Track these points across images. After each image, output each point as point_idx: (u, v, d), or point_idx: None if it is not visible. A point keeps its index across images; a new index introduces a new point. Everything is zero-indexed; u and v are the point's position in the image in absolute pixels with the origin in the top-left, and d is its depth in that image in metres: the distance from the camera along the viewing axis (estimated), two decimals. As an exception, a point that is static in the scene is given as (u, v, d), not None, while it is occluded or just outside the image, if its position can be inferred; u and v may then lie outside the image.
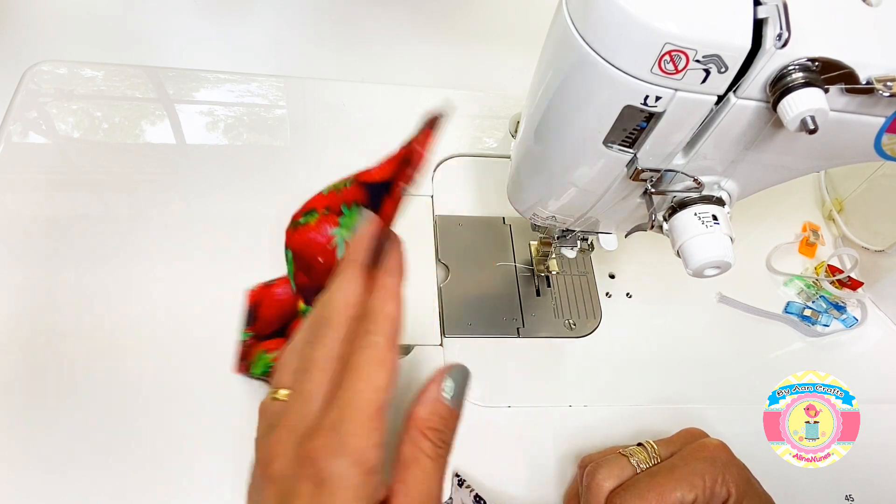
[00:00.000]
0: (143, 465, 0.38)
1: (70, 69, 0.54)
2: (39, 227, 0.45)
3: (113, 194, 0.48)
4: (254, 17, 0.67)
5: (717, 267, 0.33)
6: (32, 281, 0.43)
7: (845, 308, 0.54)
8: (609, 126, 0.30)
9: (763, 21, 0.25)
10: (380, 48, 0.67)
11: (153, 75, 0.56)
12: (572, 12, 0.28)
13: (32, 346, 0.41)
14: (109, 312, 0.43)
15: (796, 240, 0.58)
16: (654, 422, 0.46)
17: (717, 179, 0.34)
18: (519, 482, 0.42)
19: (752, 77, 0.27)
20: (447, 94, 0.61)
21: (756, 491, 0.37)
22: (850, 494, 0.45)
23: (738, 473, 0.36)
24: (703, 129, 0.30)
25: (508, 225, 0.54)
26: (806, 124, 0.26)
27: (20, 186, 0.47)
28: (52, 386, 0.40)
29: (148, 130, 0.52)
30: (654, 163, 0.32)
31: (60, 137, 0.50)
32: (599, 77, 0.28)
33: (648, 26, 0.25)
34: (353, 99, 0.58)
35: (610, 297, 0.52)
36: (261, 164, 0.52)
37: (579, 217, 0.40)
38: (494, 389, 0.46)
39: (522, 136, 0.38)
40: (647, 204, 0.35)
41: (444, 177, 0.55)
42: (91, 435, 0.39)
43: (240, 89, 0.57)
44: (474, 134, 0.58)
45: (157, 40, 0.62)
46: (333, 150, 0.54)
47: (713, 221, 0.33)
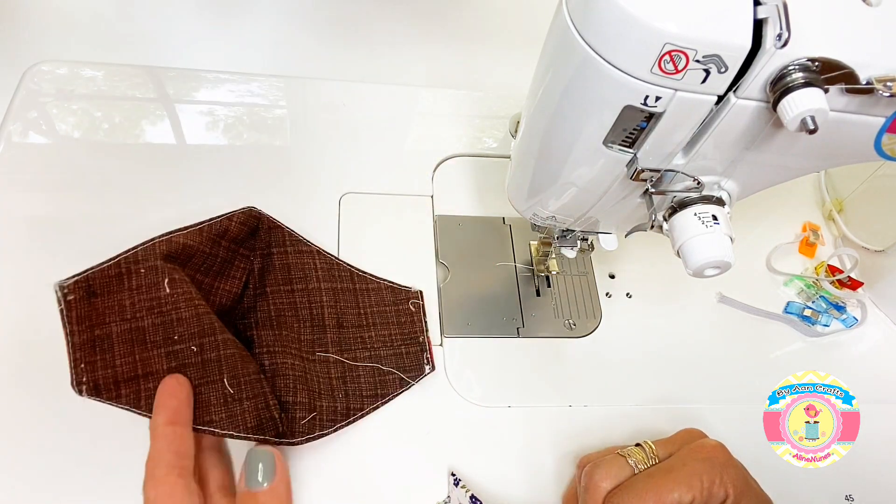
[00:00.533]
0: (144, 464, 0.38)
1: (70, 69, 0.54)
2: (39, 227, 0.45)
3: (113, 194, 0.48)
4: (254, 17, 0.67)
5: (717, 267, 0.33)
6: (32, 281, 0.43)
7: (845, 308, 0.54)
8: (609, 126, 0.30)
9: (763, 21, 0.25)
10: (380, 48, 0.67)
11: (153, 75, 0.56)
12: (572, 12, 0.28)
13: (32, 347, 0.41)
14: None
15: (796, 240, 0.58)
16: (654, 422, 0.46)
17: (717, 179, 0.34)
18: (518, 482, 0.42)
19: (752, 77, 0.27)
20: (447, 93, 0.61)
21: (754, 491, 0.37)
22: (850, 494, 0.45)
23: (736, 474, 0.36)
24: (703, 129, 0.30)
25: (508, 225, 0.54)
26: (806, 124, 0.26)
27: (20, 186, 0.47)
28: (52, 386, 0.40)
29: (148, 130, 0.52)
30: (654, 163, 0.32)
31: (60, 137, 0.50)
32: (599, 77, 0.28)
33: (648, 26, 0.25)
34: (353, 99, 0.58)
35: (610, 297, 0.52)
36: (261, 164, 0.52)
37: (579, 217, 0.40)
38: (494, 389, 0.46)
39: (522, 136, 0.38)
40: (647, 204, 0.35)
41: (444, 177, 0.55)
42: (91, 435, 0.39)
43: (240, 89, 0.57)
44: (474, 134, 0.58)
45: (157, 40, 0.62)
46: (333, 150, 0.54)
47: (713, 221, 0.33)
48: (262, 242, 0.45)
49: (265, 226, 0.45)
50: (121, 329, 0.37)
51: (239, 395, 0.36)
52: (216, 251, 0.42)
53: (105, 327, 0.36)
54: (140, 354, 0.36)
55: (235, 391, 0.36)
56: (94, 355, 0.36)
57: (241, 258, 0.44)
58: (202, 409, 0.36)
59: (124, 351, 0.36)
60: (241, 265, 0.44)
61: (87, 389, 0.35)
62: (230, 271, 0.43)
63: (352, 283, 0.47)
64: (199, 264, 0.41)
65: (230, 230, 0.43)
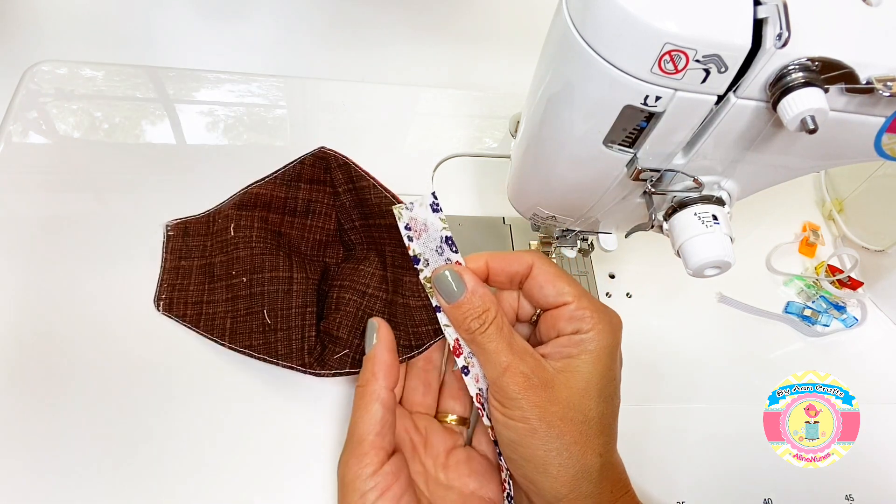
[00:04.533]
0: (146, 465, 0.38)
1: (70, 69, 0.54)
2: (39, 227, 0.45)
3: (113, 194, 0.48)
4: (254, 17, 0.67)
5: (717, 267, 0.33)
6: (32, 281, 0.43)
7: (845, 308, 0.54)
8: (609, 126, 0.30)
9: (763, 21, 0.25)
10: (380, 48, 0.67)
11: (153, 75, 0.56)
12: (572, 12, 0.28)
13: (32, 347, 0.41)
14: (109, 312, 0.43)
15: (796, 240, 0.58)
16: (654, 421, 0.46)
17: (717, 179, 0.34)
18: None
19: (752, 77, 0.27)
20: (447, 93, 0.61)
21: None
22: (851, 494, 0.45)
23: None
24: (703, 129, 0.30)
25: (508, 225, 0.54)
26: (806, 124, 0.26)
27: (20, 186, 0.47)
28: (52, 386, 0.40)
29: (148, 130, 0.52)
30: (654, 163, 0.32)
31: (60, 137, 0.50)
32: (599, 77, 0.28)
33: (648, 26, 0.25)
34: (353, 99, 0.58)
35: (610, 297, 0.52)
36: (261, 164, 0.52)
37: (579, 217, 0.40)
38: (494, 389, 0.45)
39: (522, 136, 0.38)
40: (647, 204, 0.35)
41: (444, 177, 0.55)
42: (92, 436, 0.39)
43: (240, 89, 0.57)
44: (474, 134, 0.58)
45: (157, 40, 0.62)
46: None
47: (713, 221, 0.33)
48: (340, 178, 0.46)
49: (335, 163, 0.46)
50: (199, 263, 0.45)
51: (275, 325, 0.41)
52: (295, 194, 0.47)
53: (189, 260, 0.45)
54: (207, 285, 0.44)
55: (272, 322, 0.41)
56: (176, 279, 0.44)
57: (326, 195, 0.47)
58: (245, 333, 0.41)
59: (198, 280, 0.44)
60: (327, 201, 0.47)
61: (164, 305, 0.43)
62: (319, 208, 0.47)
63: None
64: (280, 207, 0.47)
65: (303, 172, 0.47)
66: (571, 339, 0.35)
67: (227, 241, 0.44)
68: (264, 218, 0.46)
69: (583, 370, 0.34)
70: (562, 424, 0.33)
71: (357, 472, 0.33)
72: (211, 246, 0.45)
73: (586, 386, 0.34)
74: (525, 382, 0.33)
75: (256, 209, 0.46)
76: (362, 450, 0.34)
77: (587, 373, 0.34)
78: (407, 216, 0.38)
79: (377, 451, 0.34)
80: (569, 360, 0.35)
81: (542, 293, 0.37)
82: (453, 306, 0.35)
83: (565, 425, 0.33)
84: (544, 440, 0.33)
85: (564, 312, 0.36)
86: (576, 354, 0.35)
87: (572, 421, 0.33)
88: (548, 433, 0.33)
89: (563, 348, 0.35)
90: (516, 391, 0.33)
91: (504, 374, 0.33)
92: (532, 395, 0.33)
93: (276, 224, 0.46)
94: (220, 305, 0.43)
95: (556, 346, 0.36)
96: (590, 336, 0.35)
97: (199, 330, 0.42)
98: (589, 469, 0.33)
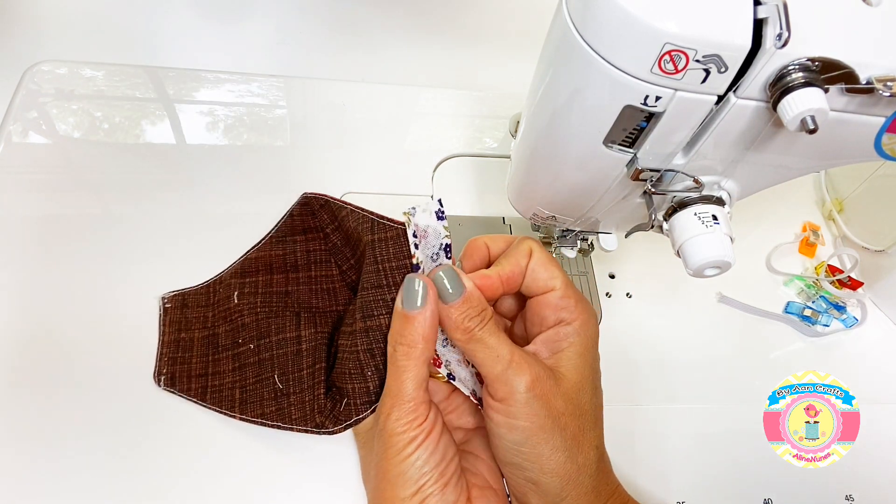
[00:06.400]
0: (146, 465, 0.38)
1: (70, 69, 0.54)
2: (39, 227, 0.45)
3: (113, 194, 0.48)
4: (254, 17, 0.67)
5: (717, 267, 0.33)
6: (32, 281, 0.43)
7: (845, 308, 0.54)
8: (609, 126, 0.30)
9: (763, 21, 0.25)
10: (380, 48, 0.67)
11: (153, 75, 0.56)
12: (572, 12, 0.28)
13: (32, 347, 0.41)
14: (109, 312, 0.43)
15: (796, 240, 0.58)
16: (653, 421, 0.46)
17: (717, 179, 0.34)
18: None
19: (752, 77, 0.27)
20: (447, 93, 0.61)
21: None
22: (851, 494, 0.45)
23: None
24: (703, 129, 0.30)
25: (508, 225, 0.54)
26: (806, 124, 0.26)
27: (20, 186, 0.47)
28: (52, 386, 0.40)
29: (148, 130, 0.52)
30: (654, 163, 0.32)
31: (60, 137, 0.50)
32: (599, 77, 0.28)
33: (648, 26, 0.25)
34: (353, 99, 0.58)
35: (610, 297, 0.52)
36: (261, 164, 0.52)
37: (579, 217, 0.40)
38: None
39: (522, 136, 0.38)
40: (647, 204, 0.35)
41: (444, 177, 0.55)
42: (92, 435, 0.39)
43: (240, 89, 0.57)
44: (474, 134, 0.58)
45: (157, 40, 0.62)
46: (333, 150, 0.54)
47: (713, 221, 0.33)
48: (325, 219, 0.46)
49: (317, 205, 0.46)
50: (201, 335, 0.43)
51: (287, 389, 0.40)
52: (293, 248, 0.46)
53: (189, 332, 0.43)
54: (212, 356, 0.42)
55: (284, 387, 0.40)
56: (177, 352, 0.42)
57: (320, 241, 0.46)
58: (256, 402, 0.40)
59: (201, 352, 0.42)
60: (323, 247, 0.46)
61: (165, 380, 0.41)
62: (319, 256, 0.46)
63: (370, 234, 0.40)
64: (281, 266, 0.45)
65: (295, 225, 0.46)
66: (559, 333, 0.35)
67: (230, 309, 0.43)
68: (268, 282, 0.44)
69: (575, 363, 0.34)
70: (565, 418, 0.33)
71: (407, 423, 0.34)
72: (213, 316, 0.43)
73: (580, 378, 0.34)
74: (530, 370, 0.33)
75: (259, 274, 0.44)
76: (411, 406, 0.34)
77: (580, 365, 0.34)
78: (413, 223, 0.38)
79: (427, 405, 0.34)
80: (559, 354, 0.35)
81: (534, 277, 0.37)
82: (453, 306, 0.35)
83: (567, 419, 0.33)
84: (550, 435, 0.32)
85: (551, 299, 0.36)
86: (565, 348, 0.35)
87: (573, 415, 0.33)
88: (553, 428, 0.33)
89: (552, 343, 0.35)
90: (522, 382, 0.33)
91: (509, 366, 0.33)
92: (538, 387, 0.33)
93: (281, 284, 0.44)
94: (227, 376, 0.41)
95: (544, 341, 0.36)
96: (575, 328, 0.35)
97: (207, 404, 0.40)
98: (588, 463, 0.33)
